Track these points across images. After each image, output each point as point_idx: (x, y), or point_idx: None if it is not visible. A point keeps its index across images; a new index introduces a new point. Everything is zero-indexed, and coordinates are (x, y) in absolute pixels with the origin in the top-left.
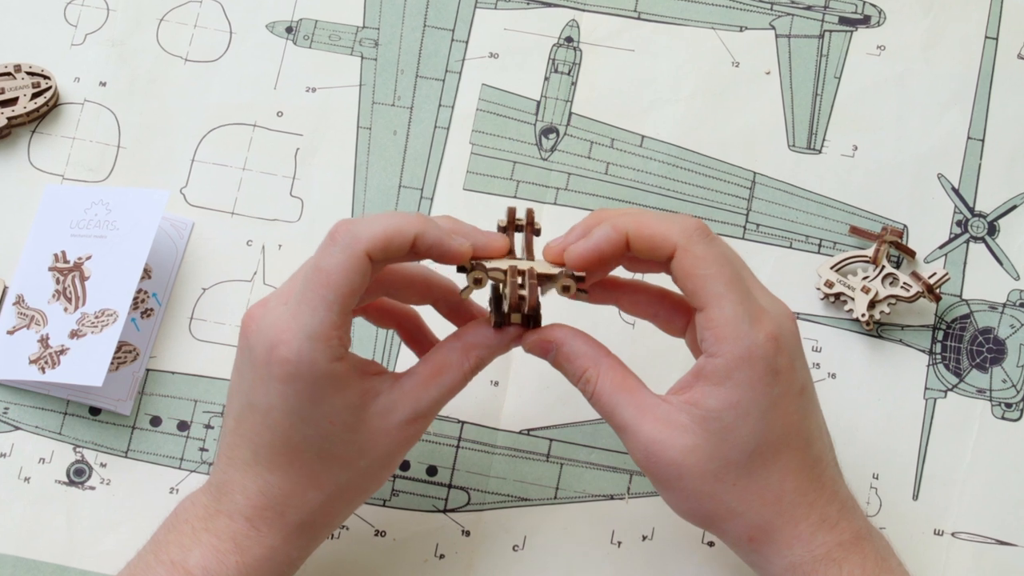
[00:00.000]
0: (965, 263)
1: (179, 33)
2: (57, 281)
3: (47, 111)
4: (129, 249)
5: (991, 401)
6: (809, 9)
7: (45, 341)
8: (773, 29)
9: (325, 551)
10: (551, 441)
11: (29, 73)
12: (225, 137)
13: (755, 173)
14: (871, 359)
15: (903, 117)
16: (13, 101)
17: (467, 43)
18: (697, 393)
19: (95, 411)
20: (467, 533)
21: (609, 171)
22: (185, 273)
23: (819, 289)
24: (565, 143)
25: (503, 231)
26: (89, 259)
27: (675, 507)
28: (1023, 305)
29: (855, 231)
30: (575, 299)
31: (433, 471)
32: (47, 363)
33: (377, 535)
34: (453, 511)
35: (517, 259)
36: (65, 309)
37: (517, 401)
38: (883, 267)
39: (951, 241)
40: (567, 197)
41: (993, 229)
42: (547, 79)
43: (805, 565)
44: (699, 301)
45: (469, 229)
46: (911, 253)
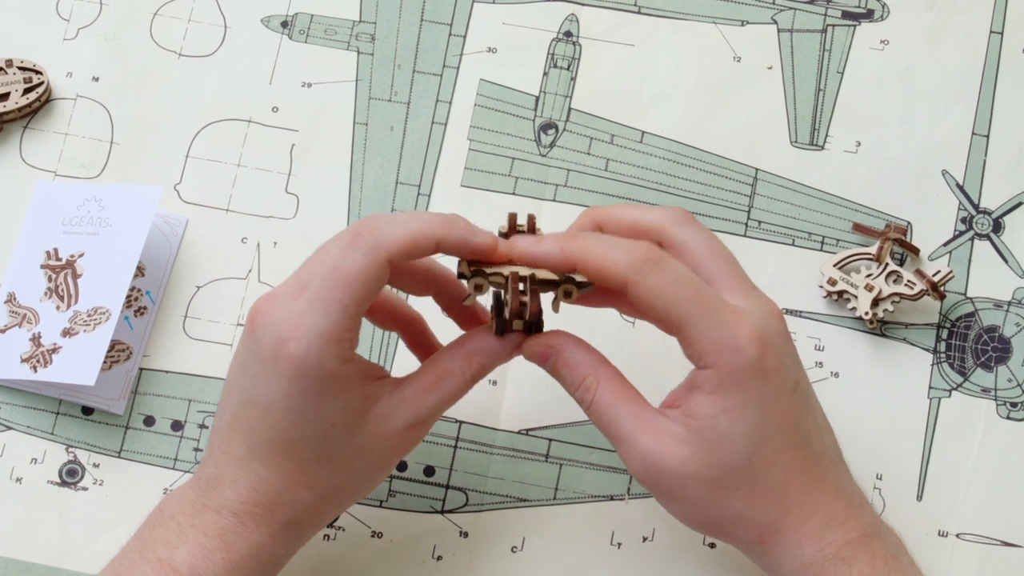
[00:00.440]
0: (970, 260)
1: (173, 27)
2: (49, 279)
3: (39, 106)
4: (122, 246)
5: (996, 400)
6: (812, 3)
7: (37, 340)
8: (775, 23)
9: (320, 552)
10: (550, 441)
11: (21, 68)
12: (220, 133)
13: (757, 169)
14: (874, 358)
15: (907, 113)
16: (5, 96)
17: (465, 37)
18: (691, 403)
19: (88, 411)
20: (465, 534)
21: (609, 167)
22: (179, 271)
23: (822, 287)
24: (564, 139)
25: (504, 237)
26: (82, 256)
27: (681, 518)
28: None
29: (858, 228)
30: (577, 304)
31: (431, 471)
32: (39, 362)
33: (374, 536)
34: (451, 512)
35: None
36: (57, 307)
37: (516, 401)
38: (887, 264)
39: (955, 238)
40: (566, 194)
41: (998, 226)
42: (546, 74)
43: (815, 565)
44: (668, 328)
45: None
46: (915, 250)
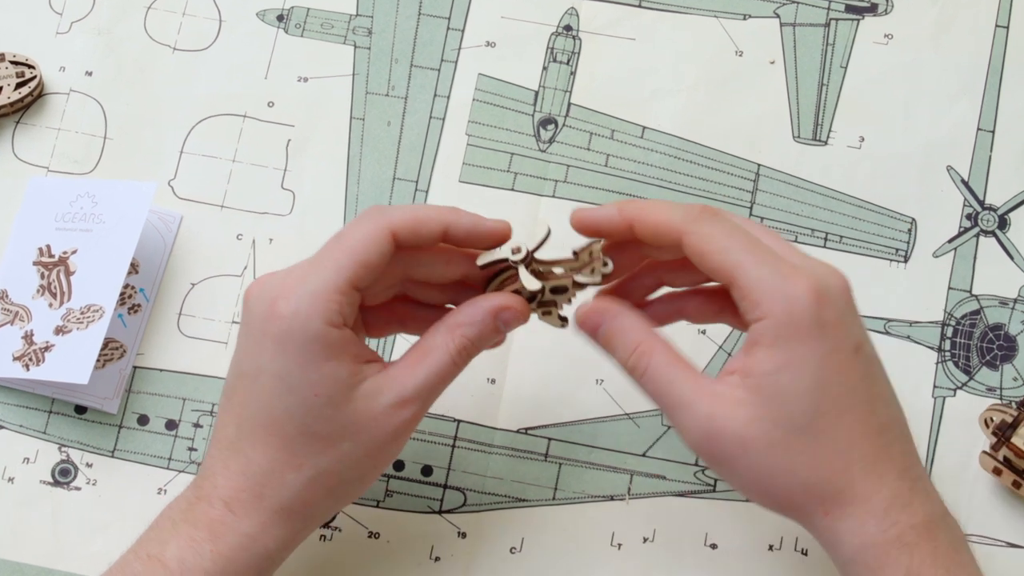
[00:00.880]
0: (975, 258)
1: (167, 21)
2: (42, 276)
3: (31, 101)
4: (116, 243)
5: (1002, 400)
6: None
7: (29, 337)
8: (778, 17)
9: (317, 553)
10: (549, 440)
11: (13, 62)
12: (214, 128)
13: (759, 165)
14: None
15: (911, 108)
16: None
17: (463, 31)
18: (749, 362)
19: (81, 409)
20: (463, 535)
21: (609, 163)
22: (173, 268)
23: None
24: (564, 134)
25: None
26: (75, 253)
27: (744, 488)
28: None
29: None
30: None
31: (428, 471)
32: (31, 360)
33: (370, 537)
34: (449, 512)
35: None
36: (50, 305)
37: (515, 399)
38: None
39: (960, 235)
40: (566, 190)
41: (1004, 223)
42: (545, 68)
43: (877, 547)
44: (723, 276)
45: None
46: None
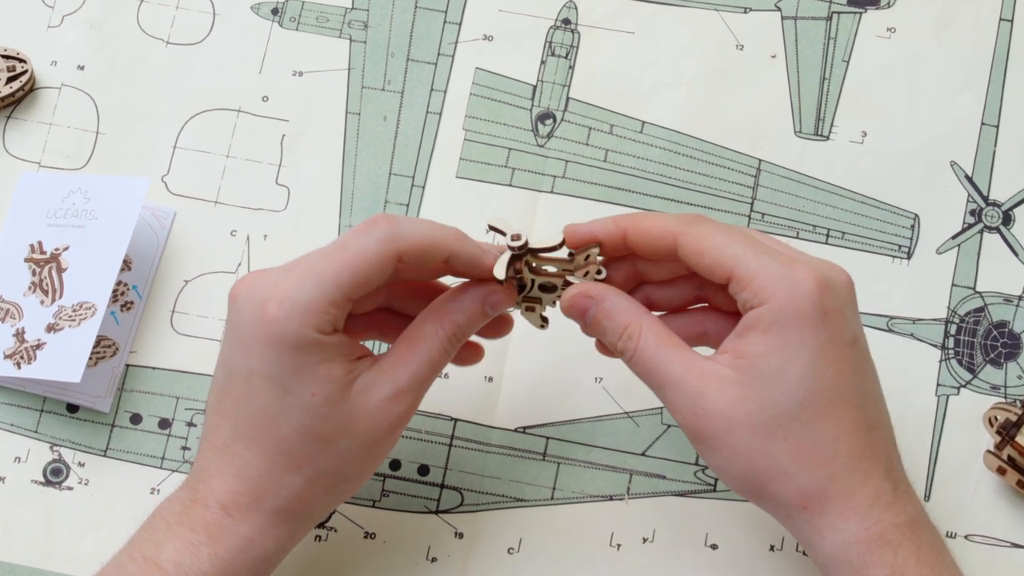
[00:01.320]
0: (979, 254)
1: (160, 14)
2: (33, 273)
3: (23, 96)
4: (108, 240)
5: (1006, 398)
6: None
7: (20, 335)
8: (779, 10)
9: (312, 553)
10: (548, 439)
11: (4, 56)
12: (208, 123)
13: (760, 160)
14: (881, 354)
15: (914, 102)
16: None
17: (460, 25)
18: (743, 344)
19: (73, 408)
20: (460, 535)
21: (608, 158)
22: (166, 265)
23: None
24: (562, 129)
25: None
26: (66, 250)
27: (723, 471)
28: None
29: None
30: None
31: (425, 470)
32: (23, 358)
33: (366, 537)
34: (446, 512)
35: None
36: (41, 302)
37: (512, 398)
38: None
39: (964, 231)
40: (564, 185)
41: (1008, 219)
42: (544, 63)
43: (860, 544)
44: (721, 271)
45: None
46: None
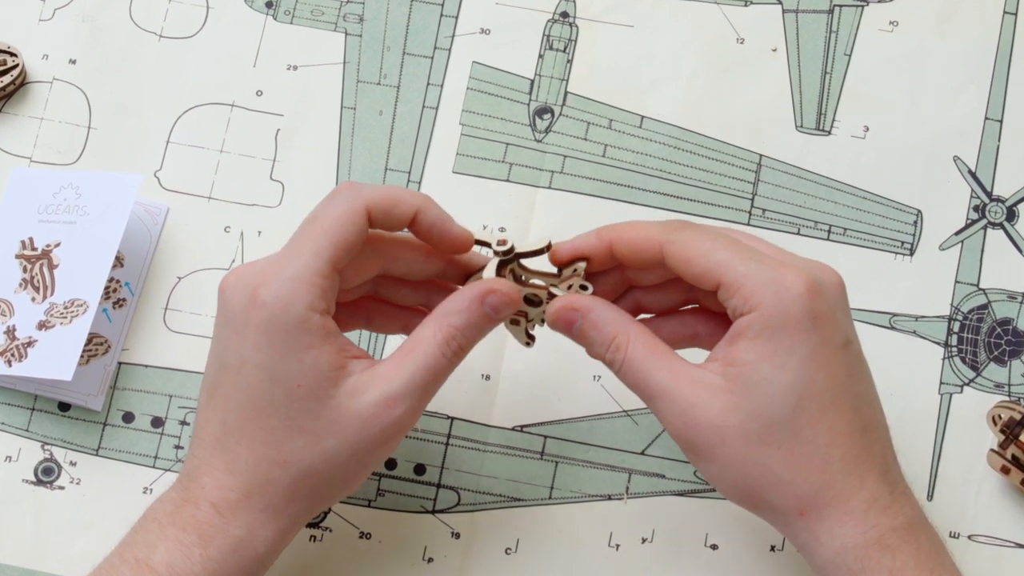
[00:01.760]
0: (982, 250)
1: (153, 8)
2: (24, 269)
3: (13, 90)
4: (100, 236)
5: (1010, 396)
6: None
7: (11, 333)
8: (780, 4)
9: (307, 554)
10: (545, 438)
11: None
12: (201, 118)
13: (761, 156)
14: (883, 352)
15: (917, 96)
16: None
17: (457, 18)
18: (733, 351)
19: (64, 407)
20: (457, 535)
21: (607, 153)
22: (159, 261)
23: None
24: (560, 124)
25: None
26: (58, 246)
27: (718, 480)
28: None
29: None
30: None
31: (421, 470)
32: (13, 356)
33: (362, 537)
34: (442, 512)
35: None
36: (32, 299)
37: (510, 396)
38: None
39: (968, 227)
40: (562, 181)
41: (1012, 215)
42: (541, 56)
43: (857, 549)
44: (709, 278)
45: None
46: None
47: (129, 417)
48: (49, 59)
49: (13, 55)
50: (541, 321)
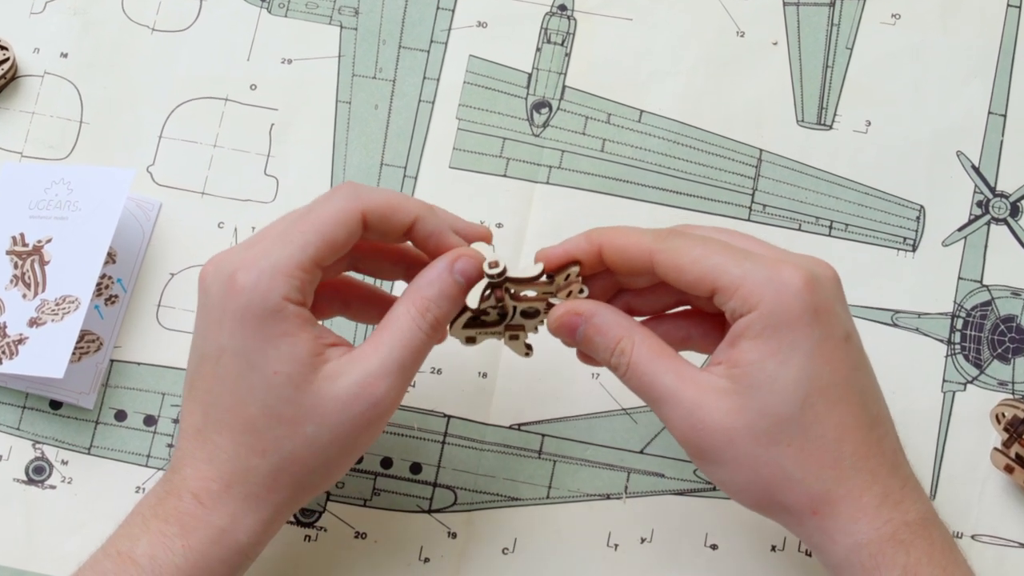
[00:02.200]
0: (986, 246)
1: (145, 1)
2: (15, 266)
3: (4, 84)
4: (92, 232)
5: (1014, 394)
6: None
7: (2, 330)
8: None
9: (301, 553)
10: (543, 437)
11: None
12: (195, 112)
13: (761, 150)
14: (885, 349)
15: (920, 90)
16: None
17: (453, 11)
18: (735, 353)
19: (56, 405)
20: (453, 535)
21: (605, 148)
22: (152, 257)
23: None
24: (558, 118)
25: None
26: (49, 242)
27: (728, 484)
28: None
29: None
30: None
31: (417, 469)
32: (4, 353)
33: (357, 537)
34: (439, 511)
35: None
36: (24, 296)
37: (507, 394)
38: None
39: (971, 223)
40: (560, 176)
41: (1016, 210)
42: (539, 50)
43: (871, 545)
44: (703, 284)
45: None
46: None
47: (121, 415)
48: (40, 53)
49: (4, 48)
50: (536, 329)
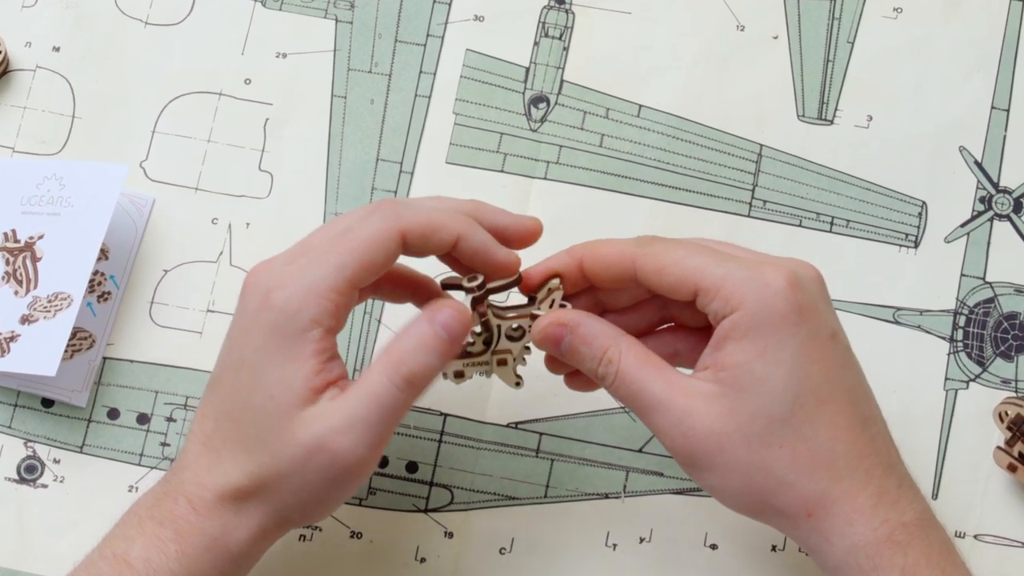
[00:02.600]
0: (989, 243)
1: None
2: (7, 262)
3: None
4: (84, 228)
5: (1017, 392)
6: None
7: None
8: None
9: (296, 553)
10: (541, 435)
11: None
12: (188, 106)
13: (762, 145)
14: (887, 347)
15: (922, 85)
16: None
17: (450, 5)
18: (721, 356)
19: (48, 403)
20: (450, 535)
21: (604, 143)
22: (145, 254)
23: None
24: (556, 113)
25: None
26: (41, 238)
27: (720, 491)
28: None
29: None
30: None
31: (413, 467)
32: None
33: (353, 537)
34: (435, 511)
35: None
36: (15, 292)
37: (505, 392)
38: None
39: (974, 219)
40: (558, 171)
41: (1019, 206)
42: (537, 44)
43: (868, 547)
44: (686, 287)
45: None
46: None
47: (114, 413)
48: (32, 46)
49: None
50: (524, 359)
